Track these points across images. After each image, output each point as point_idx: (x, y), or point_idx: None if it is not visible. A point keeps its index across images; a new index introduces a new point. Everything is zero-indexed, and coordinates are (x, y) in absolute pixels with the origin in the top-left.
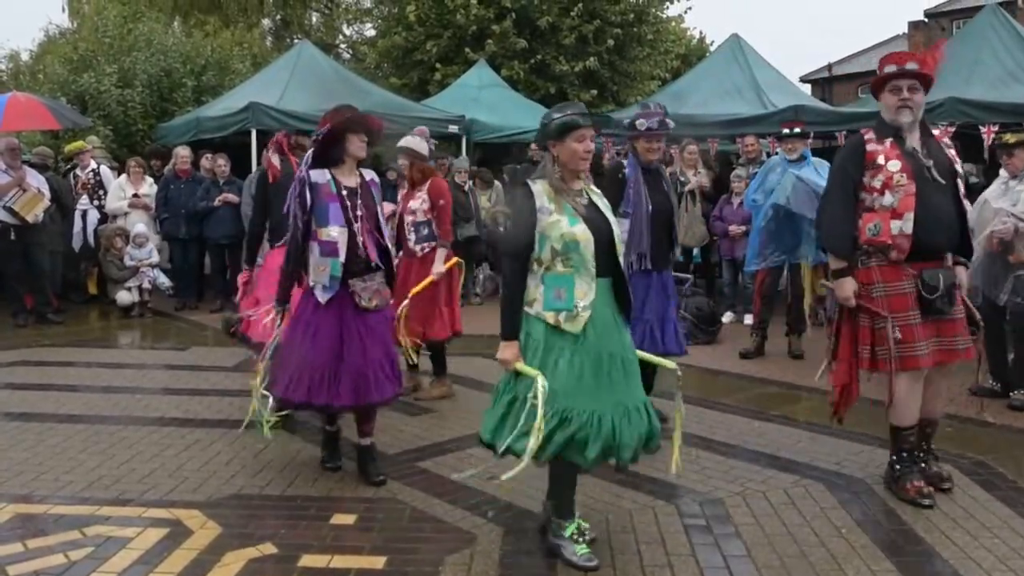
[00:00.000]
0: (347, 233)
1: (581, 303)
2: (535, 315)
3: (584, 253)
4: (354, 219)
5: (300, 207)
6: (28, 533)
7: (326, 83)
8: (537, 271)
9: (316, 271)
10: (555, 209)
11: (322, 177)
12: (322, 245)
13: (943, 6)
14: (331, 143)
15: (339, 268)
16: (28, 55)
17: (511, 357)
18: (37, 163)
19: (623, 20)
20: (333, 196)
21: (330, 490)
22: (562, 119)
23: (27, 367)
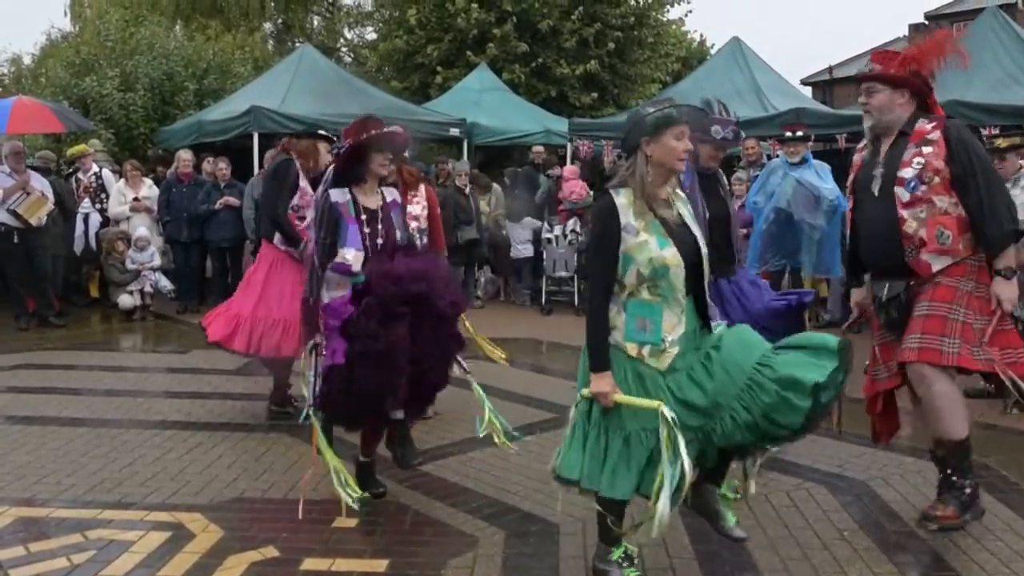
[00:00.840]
0: (362, 259)
1: (669, 337)
2: (613, 344)
3: (674, 281)
4: (372, 247)
5: (324, 229)
6: (30, 536)
7: (327, 86)
8: (618, 295)
9: (332, 287)
10: (642, 227)
11: (342, 197)
12: (336, 266)
13: (943, 8)
14: (353, 160)
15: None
16: (30, 59)
17: (609, 389)
18: (40, 167)
19: (624, 23)
20: (352, 218)
21: (332, 494)
22: (659, 113)
23: (29, 370)
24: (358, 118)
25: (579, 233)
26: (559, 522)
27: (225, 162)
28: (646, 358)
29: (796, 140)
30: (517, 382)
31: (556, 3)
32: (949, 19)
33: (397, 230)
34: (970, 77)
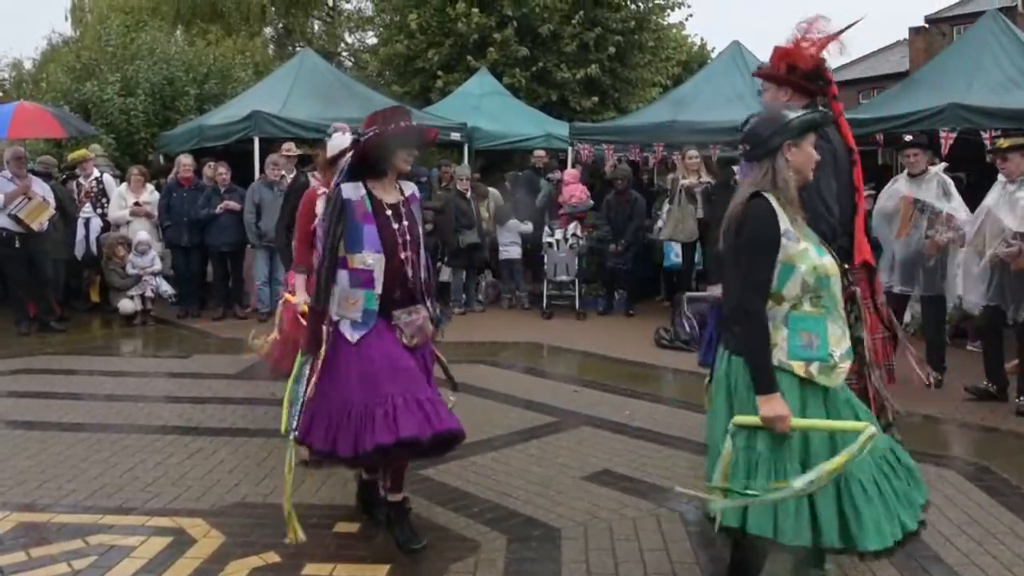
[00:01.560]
0: (383, 260)
1: (837, 352)
2: (775, 364)
3: (835, 291)
4: (399, 244)
5: (332, 229)
6: (31, 542)
7: (328, 91)
8: (775, 309)
9: (343, 304)
10: (800, 234)
11: (356, 192)
12: (353, 274)
13: (944, 12)
14: (376, 151)
15: (375, 301)
16: (31, 64)
17: (785, 412)
18: (41, 171)
19: (624, 27)
20: (368, 216)
21: (333, 498)
22: (807, 116)
23: (30, 375)
24: (390, 106)
25: (580, 237)
26: (561, 527)
27: (225, 167)
28: (815, 376)
29: None
30: (517, 386)
31: (557, 7)
32: (949, 22)
33: (419, 226)
34: (970, 80)
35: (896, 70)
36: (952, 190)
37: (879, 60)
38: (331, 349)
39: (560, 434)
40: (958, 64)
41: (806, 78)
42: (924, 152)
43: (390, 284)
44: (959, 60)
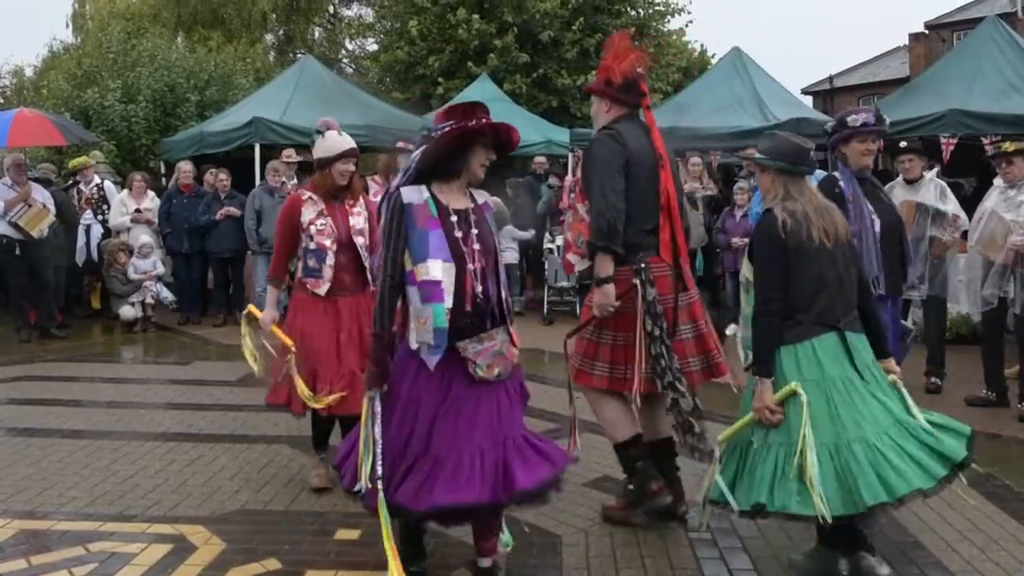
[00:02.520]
0: (454, 271)
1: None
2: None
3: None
4: (467, 254)
5: (392, 237)
6: (32, 549)
7: (329, 98)
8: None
9: (417, 328)
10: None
11: (418, 196)
12: (422, 288)
13: (943, 18)
14: (451, 149)
15: (444, 316)
16: (32, 71)
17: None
18: (40, 178)
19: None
20: (434, 220)
21: (334, 505)
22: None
23: (31, 382)
24: (464, 102)
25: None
26: (562, 533)
27: (225, 173)
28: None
29: None
30: None
31: (557, 14)
32: (949, 28)
33: (495, 236)
34: (970, 86)
35: (896, 76)
36: (949, 194)
37: (879, 66)
38: (405, 379)
39: (561, 440)
40: (958, 70)
41: (622, 91)
42: (919, 158)
43: (458, 301)
44: (959, 66)
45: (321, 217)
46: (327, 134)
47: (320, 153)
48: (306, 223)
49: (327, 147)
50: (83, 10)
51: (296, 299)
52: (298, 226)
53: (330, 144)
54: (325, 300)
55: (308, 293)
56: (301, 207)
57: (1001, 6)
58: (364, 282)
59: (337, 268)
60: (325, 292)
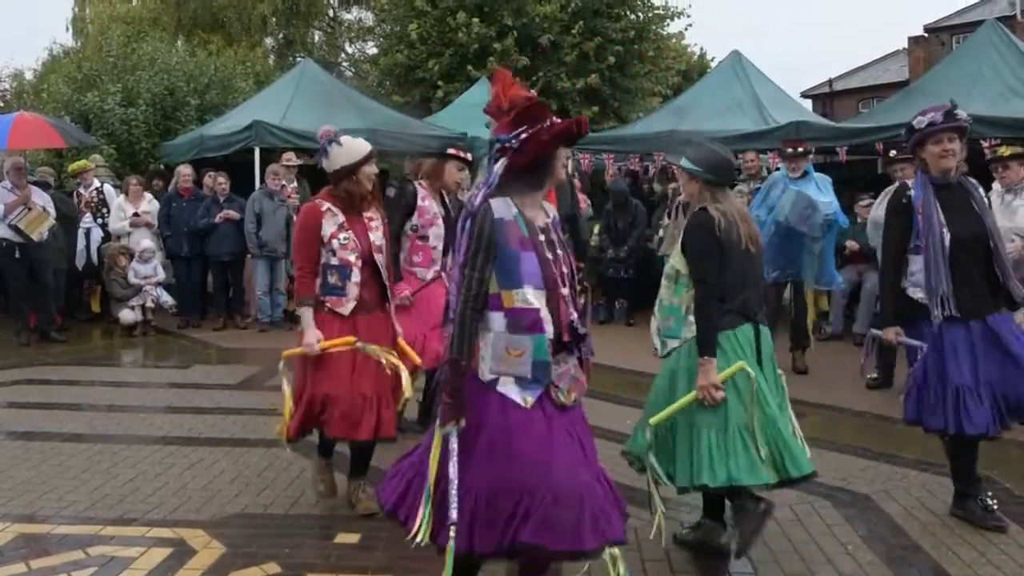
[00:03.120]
0: (545, 297)
1: None
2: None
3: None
4: (558, 278)
5: (479, 257)
6: (31, 553)
7: (329, 101)
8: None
9: (503, 357)
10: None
11: (508, 211)
12: (512, 316)
13: (943, 21)
14: (540, 156)
15: (547, 348)
16: (32, 74)
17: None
18: (39, 182)
19: (624, 37)
20: (526, 241)
21: (333, 509)
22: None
23: (30, 386)
24: (520, 98)
25: None
26: None
27: (224, 177)
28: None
29: (798, 155)
30: None
31: (557, 18)
32: (949, 31)
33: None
34: (970, 90)
35: (895, 79)
36: None
37: (878, 69)
38: (484, 416)
39: None
40: (957, 73)
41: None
42: (911, 165)
43: (557, 331)
44: (958, 69)
45: (343, 231)
46: (343, 139)
47: (343, 160)
48: (327, 236)
49: (350, 152)
50: (83, 14)
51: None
52: (319, 237)
53: (351, 149)
54: (344, 320)
55: (326, 311)
56: (321, 218)
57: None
58: (384, 300)
59: (360, 285)
60: (349, 311)
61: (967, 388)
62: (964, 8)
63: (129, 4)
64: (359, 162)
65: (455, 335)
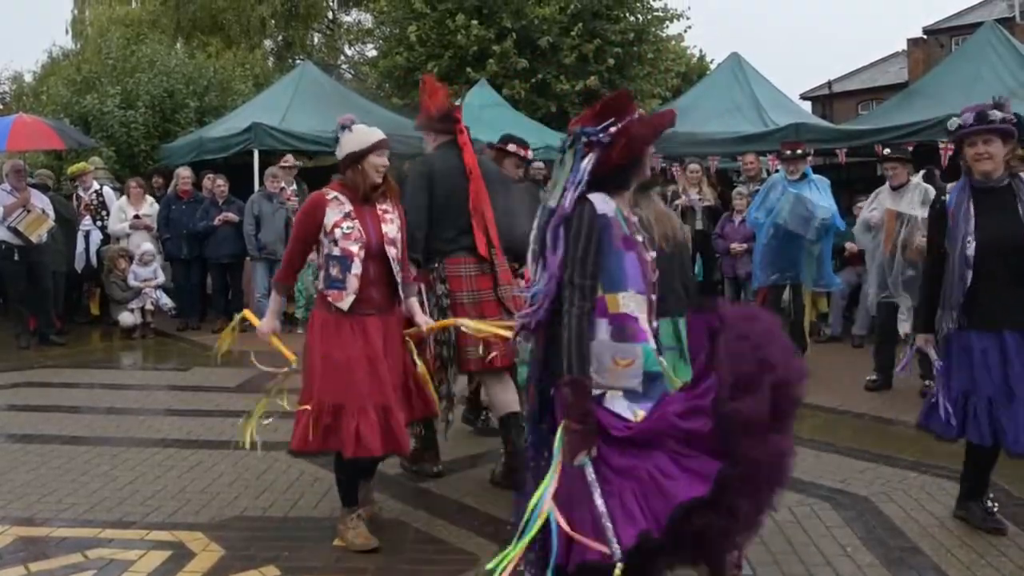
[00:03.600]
0: (645, 305)
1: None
2: None
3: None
4: (651, 284)
5: (591, 258)
6: (30, 556)
7: (328, 103)
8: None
9: (611, 370)
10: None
11: (608, 207)
12: (617, 324)
13: (942, 23)
14: (636, 150)
15: (656, 360)
16: (31, 76)
17: None
18: (38, 184)
19: (623, 39)
20: (629, 240)
21: (332, 511)
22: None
23: (30, 388)
24: (610, 95)
25: None
26: None
27: (223, 179)
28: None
29: (796, 158)
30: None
31: (556, 19)
32: (948, 33)
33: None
34: (969, 91)
35: (895, 81)
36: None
37: (878, 71)
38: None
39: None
40: (957, 75)
41: (439, 122)
42: (903, 165)
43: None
44: (958, 71)
45: (348, 220)
46: (354, 127)
47: (350, 147)
48: (330, 225)
49: (358, 139)
50: (83, 16)
51: (316, 318)
52: (318, 228)
53: (360, 136)
54: (351, 318)
55: (330, 310)
56: (325, 207)
57: (999, 11)
58: (395, 300)
59: (365, 280)
60: (348, 306)
61: (972, 396)
62: (963, 10)
63: (128, 6)
64: (365, 150)
65: (571, 353)
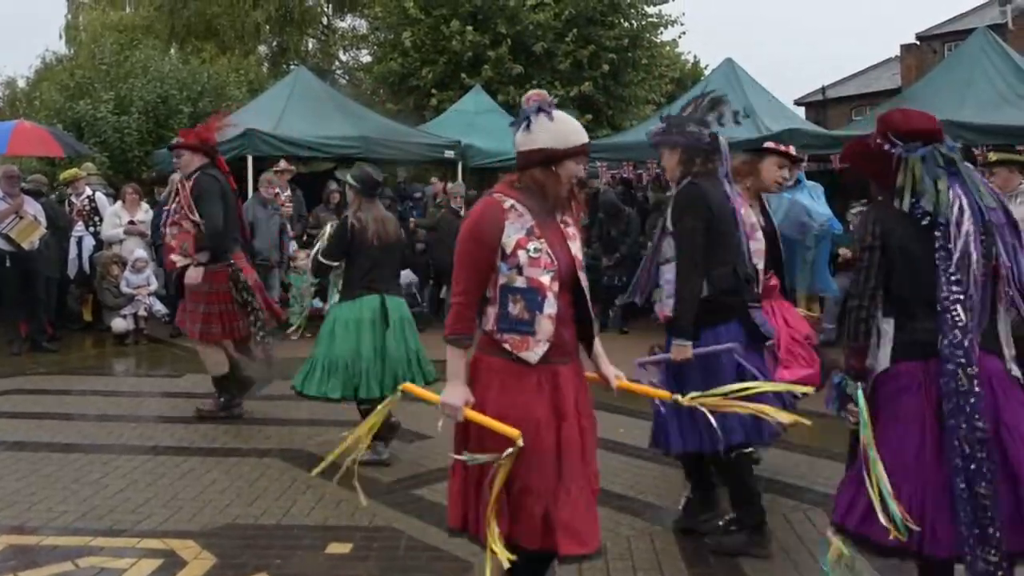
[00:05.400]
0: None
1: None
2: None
3: None
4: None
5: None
6: (20, 565)
7: (323, 109)
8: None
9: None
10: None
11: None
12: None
13: (934, 29)
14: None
15: None
16: (24, 82)
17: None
18: (31, 190)
19: (618, 45)
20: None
21: (325, 519)
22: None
23: (21, 395)
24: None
25: None
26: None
27: None
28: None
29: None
30: None
31: (550, 25)
32: (940, 39)
33: None
34: (962, 97)
35: (888, 87)
36: None
37: (871, 77)
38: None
39: None
40: (949, 81)
41: (203, 148)
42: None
43: None
44: (950, 77)
45: (533, 239)
46: (555, 115)
47: (546, 141)
48: (510, 246)
49: (559, 135)
50: (76, 22)
51: (485, 366)
52: (495, 249)
53: (563, 131)
54: (538, 370)
55: (507, 358)
56: (504, 219)
57: (991, 18)
58: (587, 340)
59: (557, 319)
60: (538, 359)
61: None
62: (955, 16)
63: (122, 12)
64: (566, 151)
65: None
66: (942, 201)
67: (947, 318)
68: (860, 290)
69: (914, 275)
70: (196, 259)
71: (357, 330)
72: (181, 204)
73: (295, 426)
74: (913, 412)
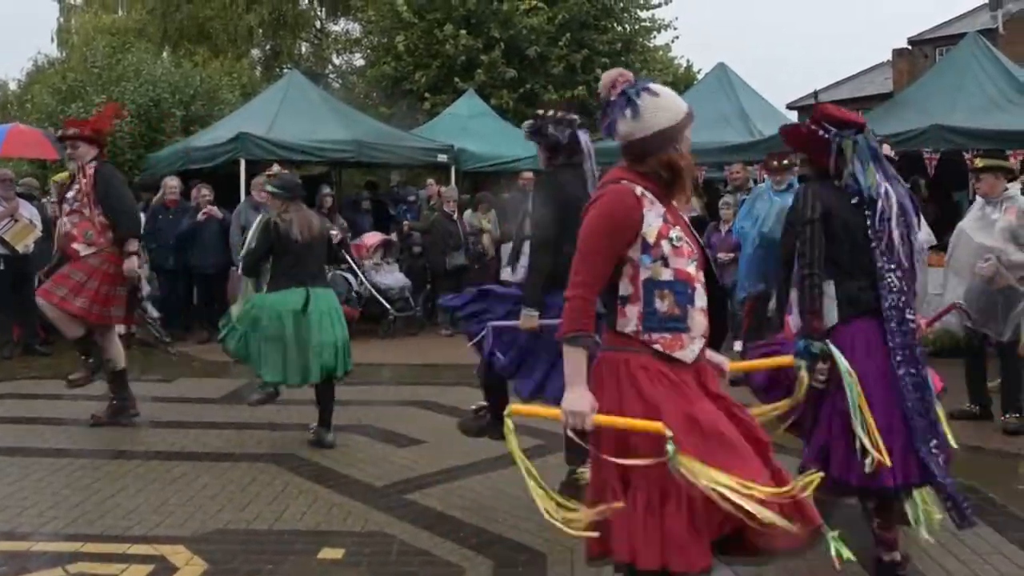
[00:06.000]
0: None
1: None
2: None
3: None
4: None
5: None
6: (10, 571)
7: (316, 113)
8: None
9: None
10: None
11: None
12: None
13: (926, 34)
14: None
15: None
16: (16, 85)
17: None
18: (23, 193)
19: (611, 50)
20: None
21: (317, 524)
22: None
23: (13, 400)
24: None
25: None
26: (547, 551)
27: (207, 188)
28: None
29: (782, 168)
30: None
31: (544, 30)
32: (932, 44)
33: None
34: (953, 102)
35: (880, 91)
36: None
37: (863, 81)
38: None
39: (548, 456)
40: (941, 85)
41: (98, 139)
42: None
43: None
44: (942, 81)
45: (671, 227)
46: (656, 88)
47: (661, 121)
48: (653, 235)
49: (670, 110)
50: (68, 25)
51: (629, 365)
52: (631, 240)
53: (671, 103)
54: (685, 370)
55: (654, 355)
56: (640, 206)
57: (982, 23)
58: (720, 332)
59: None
60: (695, 356)
61: None
62: (947, 21)
63: (115, 15)
64: (682, 122)
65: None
66: (871, 182)
67: (884, 284)
68: (809, 259)
69: (853, 243)
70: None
71: (279, 319)
72: (82, 192)
73: (287, 431)
74: (866, 363)
